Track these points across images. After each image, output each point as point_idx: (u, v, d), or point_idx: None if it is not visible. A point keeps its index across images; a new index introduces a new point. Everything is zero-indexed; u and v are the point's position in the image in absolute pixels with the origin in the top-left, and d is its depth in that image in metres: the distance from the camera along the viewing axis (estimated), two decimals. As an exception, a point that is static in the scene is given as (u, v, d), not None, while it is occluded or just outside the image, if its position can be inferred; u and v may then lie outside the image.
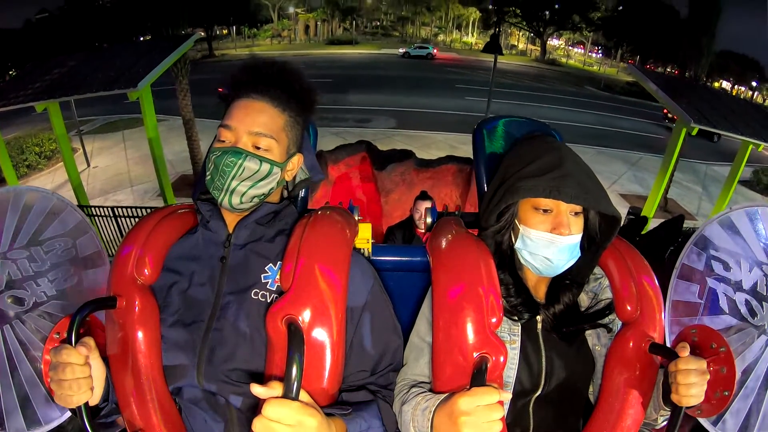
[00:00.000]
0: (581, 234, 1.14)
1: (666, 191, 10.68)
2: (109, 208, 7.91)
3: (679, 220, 2.40)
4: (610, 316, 1.20)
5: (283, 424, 0.79)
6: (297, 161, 1.19)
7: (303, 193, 1.38)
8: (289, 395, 0.80)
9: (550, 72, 39.22)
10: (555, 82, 33.03)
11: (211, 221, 1.14)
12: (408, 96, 22.10)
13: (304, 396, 0.86)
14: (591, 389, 1.23)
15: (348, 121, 17.31)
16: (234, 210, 1.11)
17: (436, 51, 40.26)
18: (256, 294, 1.07)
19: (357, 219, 1.31)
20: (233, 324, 1.05)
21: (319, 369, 0.97)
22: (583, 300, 1.25)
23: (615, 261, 1.22)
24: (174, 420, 1.07)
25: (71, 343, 0.95)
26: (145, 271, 1.08)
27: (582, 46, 57.75)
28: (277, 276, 1.09)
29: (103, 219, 7.87)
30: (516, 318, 1.17)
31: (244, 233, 1.13)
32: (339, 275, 1.02)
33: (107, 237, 8.07)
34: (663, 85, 8.00)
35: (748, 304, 1.24)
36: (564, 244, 1.11)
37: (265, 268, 1.11)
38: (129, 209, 7.95)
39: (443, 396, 0.99)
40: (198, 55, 35.31)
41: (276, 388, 0.82)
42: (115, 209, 7.91)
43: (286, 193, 1.29)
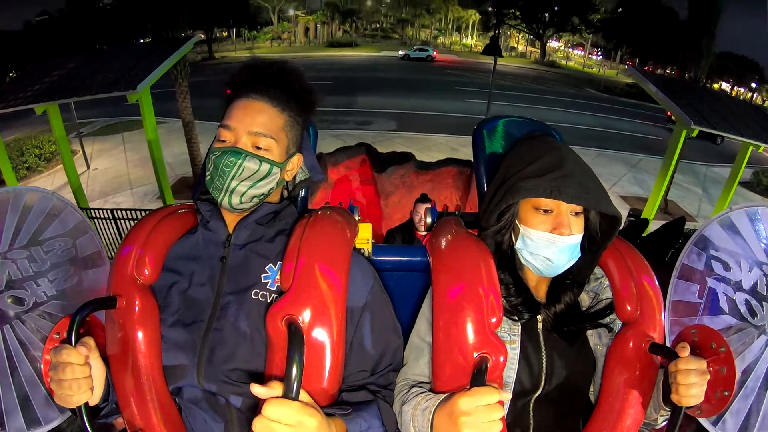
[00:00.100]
0: (582, 234, 1.14)
1: (666, 193, 10.67)
2: (108, 211, 7.89)
3: (680, 222, 2.40)
4: (611, 316, 1.20)
5: (283, 424, 0.79)
6: (297, 161, 1.19)
7: (303, 193, 1.38)
8: (289, 395, 0.80)
9: (550, 74, 39.24)
10: (554, 84, 33.04)
11: (211, 221, 1.14)
12: (408, 98, 22.10)
13: (304, 396, 0.86)
14: (592, 389, 1.23)
15: (348, 123, 17.30)
16: (234, 210, 1.11)
17: (435, 53, 40.30)
18: (256, 294, 1.07)
19: (357, 219, 1.32)
20: (233, 324, 1.05)
21: (319, 369, 0.97)
22: (583, 299, 1.25)
23: (615, 261, 1.21)
24: (174, 420, 1.07)
25: (71, 343, 0.95)
26: (145, 271, 1.08)
27: (581, 48, 57.83)
28: (277, 276, 1.09)
29: (103, 221, 7.86)
30: (516, 318, 1.17)
31: (244, 233, 1.13)
32: (339, 275, 1.02)
33: (107, 239, 8.05)
34: (663, 86, 7.98)
35: (748, 304, 1.24)
36: (564, 244, 1.11)
37: (265, 268, 1.10)
38: (128, 212, 7.94)
39: (443, 396, 0.99)
40: (198, 57, 35.33)
41: (276, 388, 0.82)
42: (114, 212, 7.90)
43: (286, 193, 1.29)
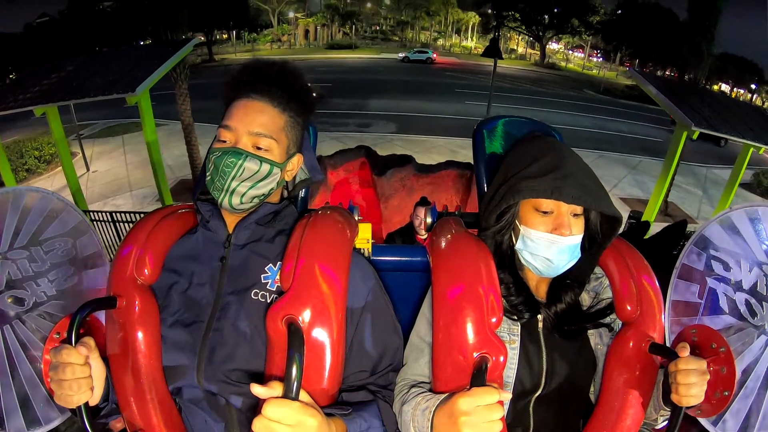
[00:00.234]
0: (582, 235, 1.14)
1: (667, 195, 10.68)
2: (107, 213, 7.87)
3: (682, 225, 2.40)
4: (612, 316, 1.20)
5: (283, 424, 0.79)
6: (297, 161, 1.19)
7: (303, 193, 1.38)
8: (289, 395, 0.80)
9: (550, 76, 39.27)
10: (554, 85, 33.08)
11: (211, 221, 1.14)
12: (408, 100, 22.11)
13: (304, 396, 0.86)
14: (592, 389, 1.22)
15: (348, 125, 17.30)
16: (234, 210, 1.11)
17: (435, 55, 40.31)
18: (256, 294, 1.07)
19: (357, 219, 1.32)
20: (233, 324, 1.05)
21: (319, 369, 0.97)
22: (584, 299, 1.24)
23: (615, 261, 1.21)
24: (174, 420, 1.07)
25: (71, 343, 0.95)
26: (145, 271, 1.08)
27: (581, 50, 57.88)
28: (277, 276, 1.09)
29: (102, 224, 7.84)
30: (516, 318, 1.17)
31: (244, 233, 1.13)
32: (339, 275, 1.02)
33: (106, 242, 8.02)
34: (663, 88, 7.98)
35: (748, 304, 1.24)
36: (564, 245, 1.11)
37: (265, 269, 1.10)
38: (127, 214, 7.91)
39: (443, 396, 0.99)
40: (198, 59, 35.36)
41: (276, 388, 0.82)
42: (113, 214, 7.87)
43: (286, 193, 1.29)
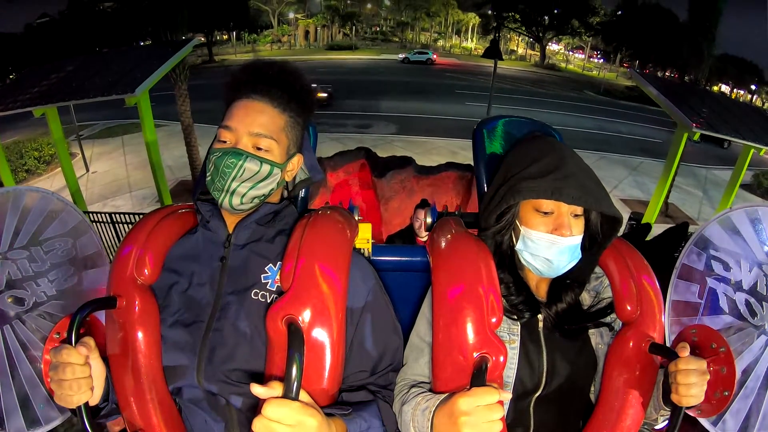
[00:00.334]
0: (582, 235, 1.14)
1: (667, 196, 10.68)
2: (107, 214, 7.86)
3: (684, 227, 2.40)
4: (613, 315, 1.20)
5: (283, 424, 0.79)
6: (297, 162, 1.19)
7: (303, 193, 1.38)
8: (289, 395, 0.80)
9: (550, 77, 39.30)
10: (554, 86, 33.12)
11: (211, 221, 1.14)
12: (408, 101, 22.13)
13: (304, 396, 0.86)
14: (592, 389, 1.22)
15: (348, 126, 17.32)
16: (234, 211, 1.11)
17: (435, 56, 40.33)
18: (256, 294, 1.07)
19: (357, 219, 1.31)
20: (233, 324, 1.05)
21: (319, 369, 0.97)
22: (584, 298, 1.24)
23: (615, 261, 1.21)
24: (174, 420, 1.07)
25: (71, 343, 0.95)
26: (145, 271, 1.08)
27: (581, 51, 57.91)
28: (277, 276, 1.09)
29: (101, 225, 7.83)
30: (516, 317, 1.17)
31: (244, 233, 1.13)
32: (339, 275, 1.02)
33: (105, 243, 8.00)
34: (664, 89, 7.97)
35: (748, 304, 1.24)
36: (564, 246, 1.11)
37: (265, 269, 1.10)
38: (127, 215, 7.90)
39: (443, 396, 0.99)
40: (198, 60, 35.38)
41: (276, 388, 0.82)
42: (113, 215, 7.85)
43: (286, 193, 1.29)
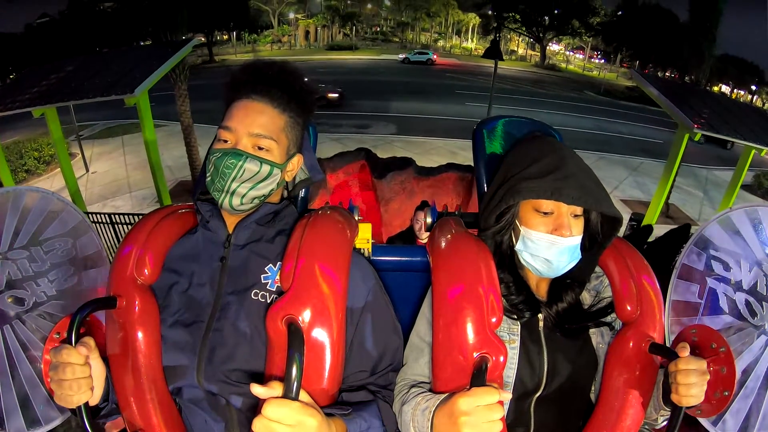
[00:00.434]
0: (581, 236, 1.14)
1: (668, 197, 10.67)
2: (106, 215, 7.85)
3: (686, 229, 2.40)
4: (613, 314, 1.20)
5: (283, 424, 0.79)
6: (297, 162, 1.19)
7: (303, 193, 1.38)
8: (289, 395, 0.80)
9: (550, 77, 39.25)
10: (555, 87, 33.07)
11: (211, 221, 1.14)
12: (408, 101, 22.10)
13: (304, 396, 0.86)
14: (592, 389, 1.22)
15: (348, 126, 17.31)
16: (234, 211, 1.11)
17: (435, 56, 40.28)
18: (256, 294, 1.07)
19: (357, 219, 1.31)
20: (233, 324, 1.05)
21: (319, 369, 0.97)
22: (585, 298, 1.24)
23: (615, 261, 1.21)
24: (174, 420, 1.07)
25: (71, 343, 0.95)
26: (145, 271, 1.08)
27: (582, 51, 57.92)
28: (277, 277, 1.09)
29: (100, 226, 7.81)
30: (516, 317, 1.17)
31: (244, 234, 1.13)
32: (339, 275, 1.02)
33: (104, 244, 7.95)
34: (665, 90, 7.94)
35: (748, 304, 1.24)
36: (564, 246, 1.11)
37: (265, 269, 1.10)
38: (126, 216, 7.88)
39: (443, 396, 0.99)
40: (198, 60, 35.35)
41: (276, 388, 0.82)
42: (112, 216, 7.84)
43: (286, 193, 1.29)
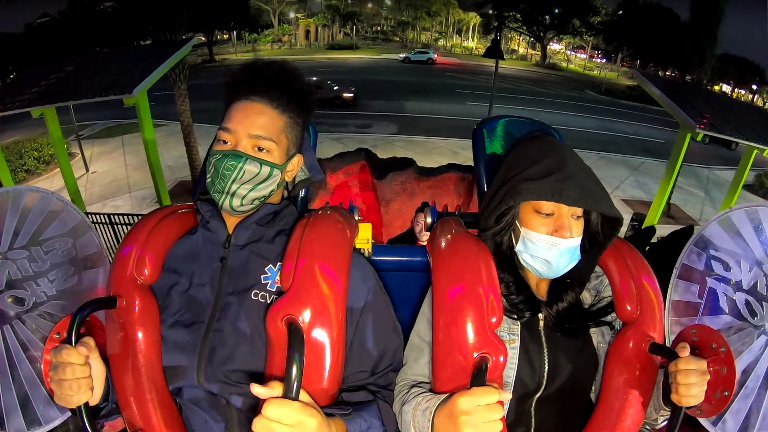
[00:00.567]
0: (581, 237, 1.14)
1: (669, 196, 10.67)
2: (105, 215, 7.85)
3: (689, 230, 2.39)
4: (613, 314, 1.20)
5: (283, 424, 0.79)
6: (297, 162, 1.19)
7: (303, 193, 1.38)
8: (289, 395, 0.80)
9: (551, 76, 39.24)
10: (556, 86, 33.06)
11: (211, 222, 1.14)
12: (409, 101, 22.11)
13: (304, 396, 0.86)
14: (593, 388, 1.22)
15: (348, 126, 17.32)
16: (234, 212, 1.11)
17: (436, 56, 40.25)
18: (256, 295, 1.07)
19: (357, 219, 1.31)
20: (233, 324, 1.05)
21: (319, 369, 0.97)
22: (585, 297, 1.25)
23: (615, 261, 1.21)
24: (174, 420, 1.07)
25: (71, 343, 0.95)
26: (145, 271, 1.08)
27: (582, 50, 57.85)
28: (277, 277, 1.09)
29: (100, 226, 7.81)
30: (516, 317, 1.17)
31: (244, 234, 1.13)
32: (339, 275, 1.02)
33: (104, 244, 7.93)
34: (666, 89, 7.92)
35: (748, 304, 1.24)
36: (564, 247, 1.11)
37: (265, 269, 1.10)
38: (126, 216, 7.88)
39: (443, 396, 0.99)
40: (198, 59, 35.40)
41: (276, 388, 0.82)
42: (111, 216, 7.84)
43: (286, 194, 1.29)
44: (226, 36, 47.32)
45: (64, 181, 8.34)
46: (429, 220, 1.51)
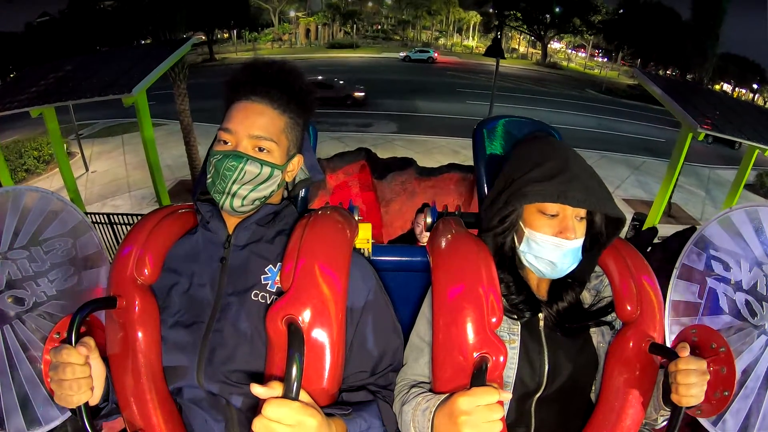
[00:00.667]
0: (584, 237, 1.14)
1: (670, 196, 10.66)
2: (105, 215, 7.83)
3: (691, 231, 2.39)
4: (613, 314, 1.20)
5: (283, 424, 0.79)
6: (297, 162, 1.19)
7: (303, 193, 1.38)
8: (289, 395, 0.80)
9: (551, 75, 39.22)
10: (556, 85, 33.04)
11: (211, 222, 1.14)
12: (409, 100, 22.08)
13: (304, 396, 0.86)
14: (593, 388, 1.22)
15: (348, 125, 17.31)
16: (235, 213, 1.11)
17: (436, 55, 40.23)
18: (256, 295, 1.07)
19: (357, 219, 1.31)
20: (233, 324, 1.05)
21: (319, 369, 0.97)
22: (585, 297, 1.25)
23: (615, 261, 1.21)
24: (174, 420, 1.07)
25: (71, 343, 0.95)
26: (145, 271, 1.08)
27: (583, 49, 57.80)
28: (277, 277, 1.09)
29: (100, 226, 7.79)
30: (516, 317, 1.17)
31: (244, 234, 1.13)
32: (339, 275, 1.02)
33: (104, 244, 7.92)
34: (668, 89, 7.89)
35: (748, 304, 1.24)
36: (568, 249, 1.11)
37: (265, 270, 1.10)
38: (125, 216, 7.87)
39: (443, 396, 0.99)
40: (198, 58, 35.39)
41: (276, 388, 0.82)
42: (111, 216, 7.82)
43: (286, 194, 1.29)
44: (226, 35, 47.27)
45: (63, 180, 8.31)
46: (429, 220, 1.51)
